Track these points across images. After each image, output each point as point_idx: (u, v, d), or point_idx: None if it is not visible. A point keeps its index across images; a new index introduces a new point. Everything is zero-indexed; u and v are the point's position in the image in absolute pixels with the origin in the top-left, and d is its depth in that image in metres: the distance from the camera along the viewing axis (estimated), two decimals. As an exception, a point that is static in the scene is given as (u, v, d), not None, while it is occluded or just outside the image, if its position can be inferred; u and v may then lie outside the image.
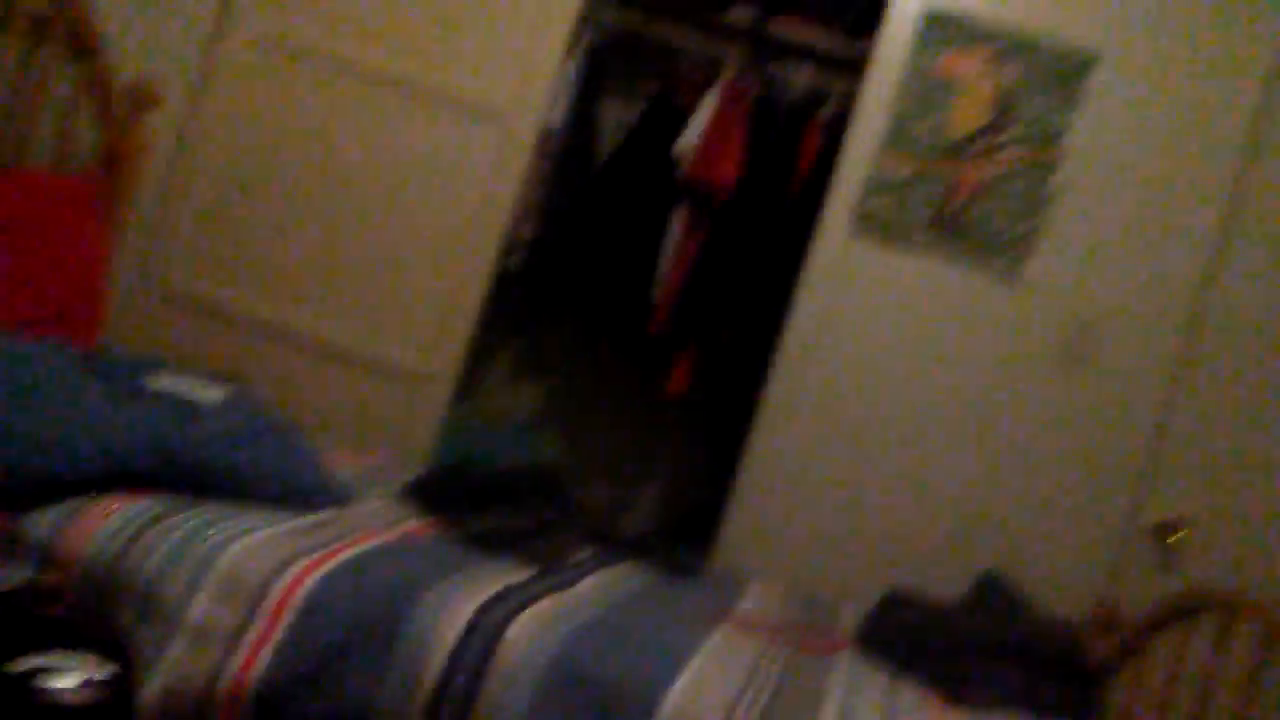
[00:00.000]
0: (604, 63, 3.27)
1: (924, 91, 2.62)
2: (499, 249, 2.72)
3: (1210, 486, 2.49)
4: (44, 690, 1.11)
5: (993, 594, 1.98)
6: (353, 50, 2.67)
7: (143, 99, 2.47)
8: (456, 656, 1.51)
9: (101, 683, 1.14)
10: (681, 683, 1.54)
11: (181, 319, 2.70)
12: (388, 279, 2.70)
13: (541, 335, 3.49)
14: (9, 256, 2.00)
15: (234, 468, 1.74)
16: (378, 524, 1.87)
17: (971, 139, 2.62)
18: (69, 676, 1.12)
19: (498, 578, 1.73)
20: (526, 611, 1.62)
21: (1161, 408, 2.52)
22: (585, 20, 3.04)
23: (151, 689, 1.39)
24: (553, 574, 1.86)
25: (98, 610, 1.45)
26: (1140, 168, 2.55)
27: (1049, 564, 2.53)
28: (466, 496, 2.08)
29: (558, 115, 3.08)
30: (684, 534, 3.12)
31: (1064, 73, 2.58)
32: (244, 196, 2.69)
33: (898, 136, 2.62)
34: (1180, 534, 2.47)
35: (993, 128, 2.62)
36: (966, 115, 2.62)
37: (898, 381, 2.60)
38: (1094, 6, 2.57)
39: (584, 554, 2.08)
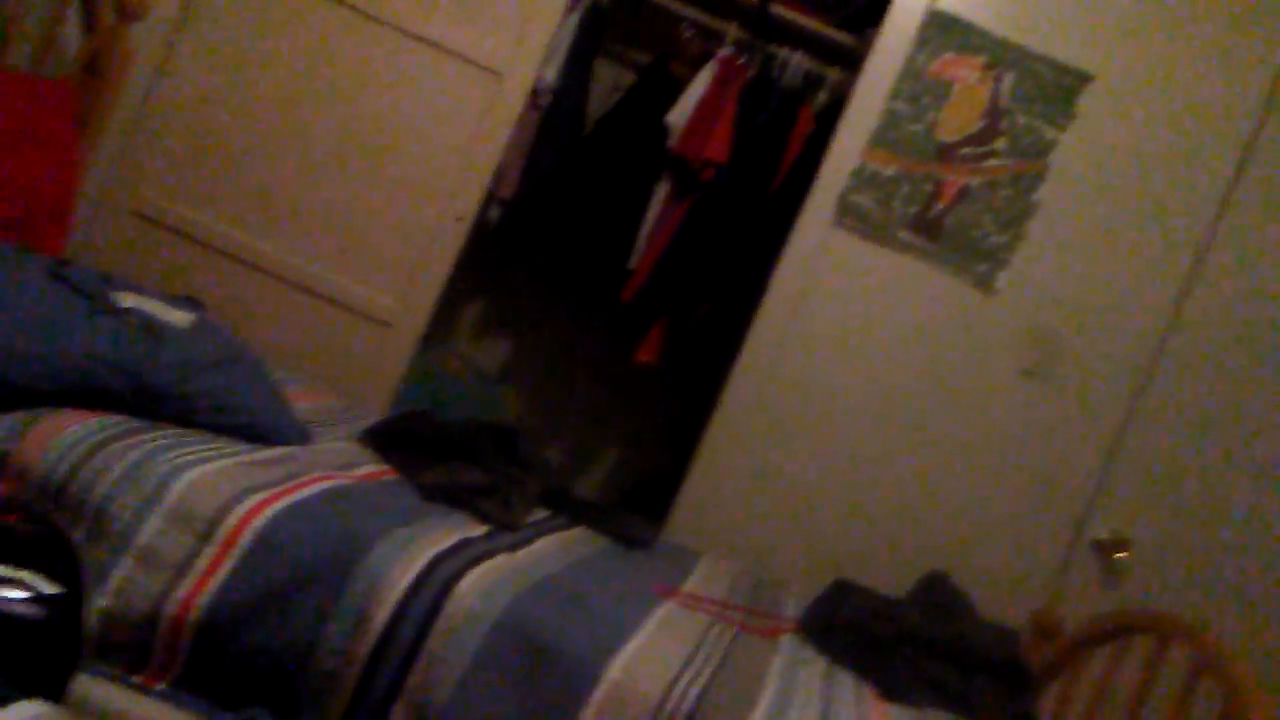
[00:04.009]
0: (603, 24, 3.24)
1: (918, 91, 2.62)
2: (479, 201, 2.70)
3: (1157, 508, 2.55)
4: (-11, 600, 1.09)
5: (937, 593, 2.01)
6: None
7: (129, 8, 2.41)
8: (405, 606, 1.50)
9: (50, 598, 1.12)
10: (625, 652, 1.55)
11: (148, 237, 2.65)
12: (364, 220, 2.67)
13: (512, 292, 3.48)
14: (-20, 155, 1.95)
15: (197, 395, 1.72)
16: (335, 465, 1.86)
17: (961, 144, 2.63)
18: (17, 589, 1.10)
19: (452, 531, 1.72)
20: (478, 567, 1.62)
21: (1117, 427, 2.57)
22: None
23: (96, 608, 1.37)
24: (506, 533, 1.86)
25: (50, 524, 1.42)
26: (1123, 189, 2.58)
27: (994, 569, 2.57)
28: (426, 446, 2.06)
29: (551, 72, 3.05)
30: (638, 503, 3.13)
31: (1058, 88, 2.60)
32: (224, 120, 2.64)
33: (888, 133, 2.63)
34: (1124, 553, 2.52)
35: (983, 135, 2.63)
36: (958, 119, 2.63)
37: (864, 374, 2.63)
38: (1092, 27, 2.59)
39: (538, 515, 2.08)
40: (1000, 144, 2.62)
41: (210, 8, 2.61)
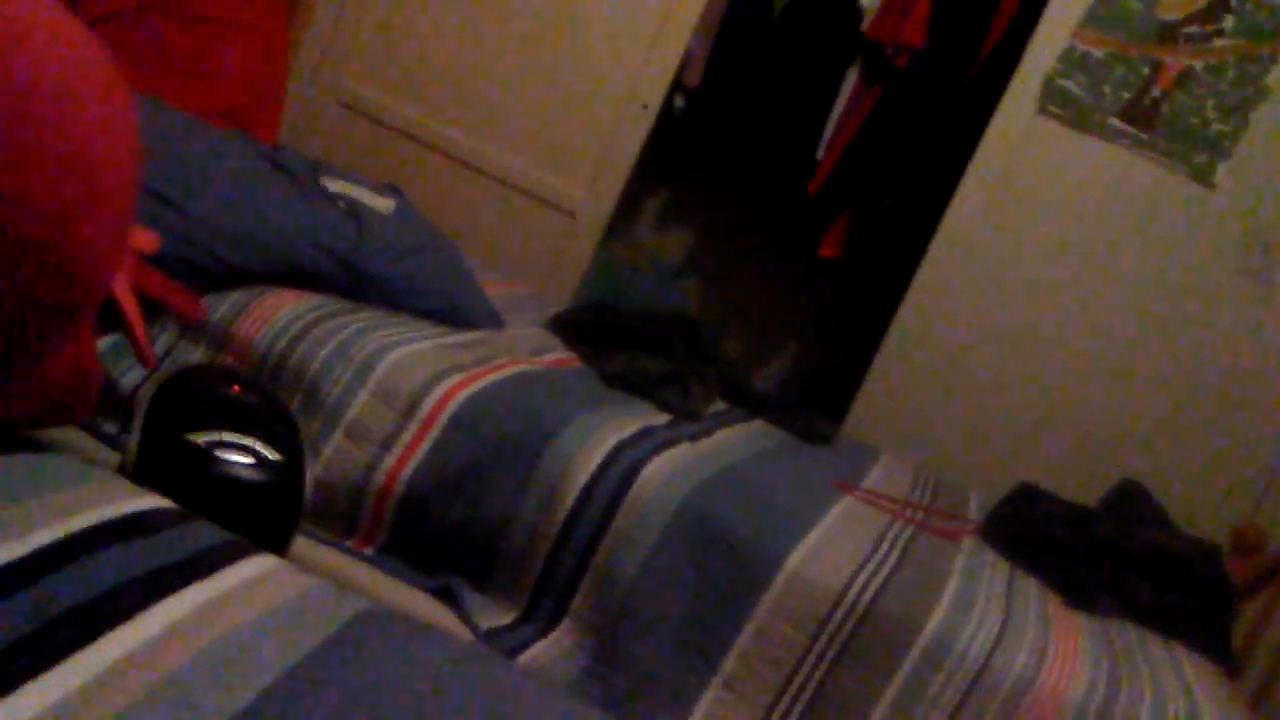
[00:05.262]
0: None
1: (1139, -35, 2.42)
2: (666, 89, 2.67)
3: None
4: (221, 462, 1.19)
5: (1130, 502, 1.93)
6: None
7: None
8: (592, 487, 1.56)
9: (273, 464, 1.21)
10: (804, 545, 1.57)
11: (351, 125, 2.75)
12: (553, 109, 2.69)
13: (696, 183, 3.45)
14: (195, 46, 2.05)
15: (401, 278, 1.80)
16: (525, 350, 1.92)
17: (1184, 22, 2.42)
18: (244, 453, 1.19)
19: (636, 418, 1.76)
20: (661, 455, 1.65)
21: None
22: None
23: (311, 476, 1.48)
24: (687, 422, 1.89)
25: (270, 395, 1.54)
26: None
27: (1192, 479, 2.44)
28: (609, 335, 2.10)
29: (741, -46, 2.95)
30: (816, 398, 3.12)
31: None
32: (418, 10, 2.69)
33: (1103, 11, 2.44)
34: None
35: (1210, 11, 2.41)
36: (1182, -2, 2.42)
37: (1063, 273, 2.50)
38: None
39: (718, 407, 2.10)
40: (1229, 22, 2.40)
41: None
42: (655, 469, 1.61)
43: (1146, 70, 2.44)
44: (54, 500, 0.83)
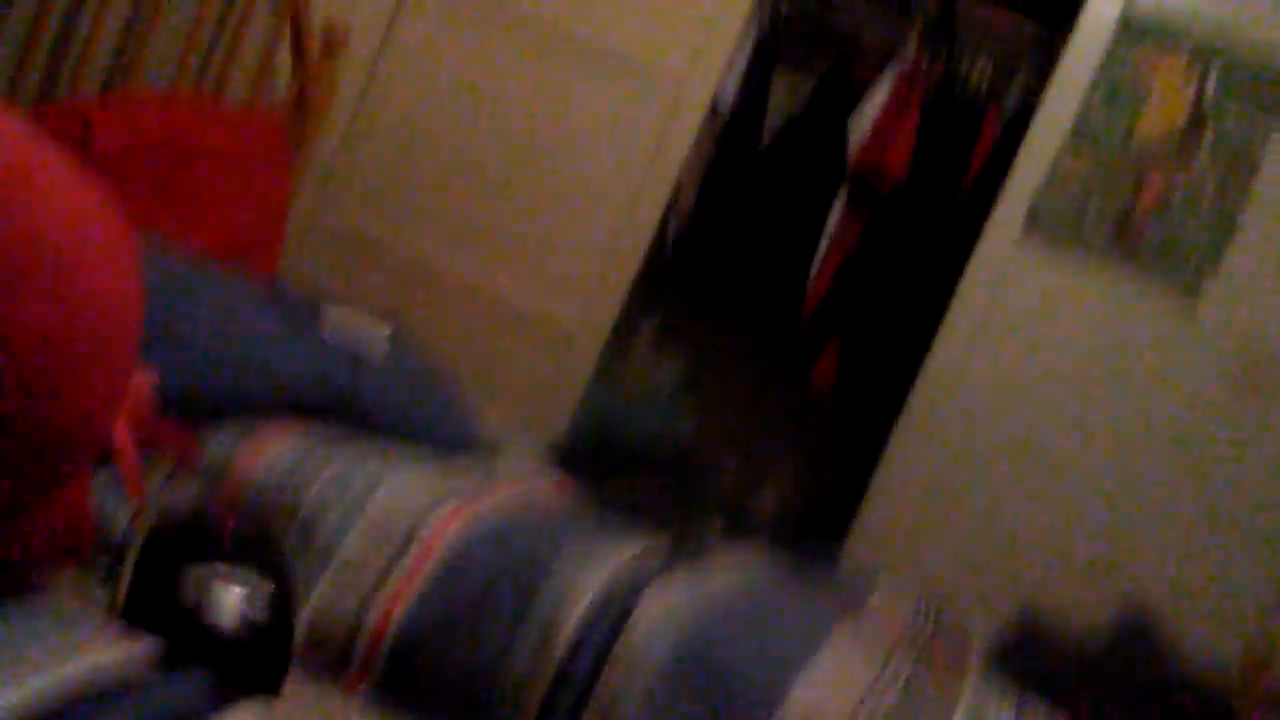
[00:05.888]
0: (781, 37, 3.22)
1: (1115, 89, 2.50)
2: (659, 216, 2.73)
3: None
4: (212, 604, 1.17)
5: (1137, 636, 1.89)
6: (534, 8, 2.70)
7: (333, 41, 2.55)
8: (590, 619, 1.53)
9: (265, 604, 1.19)
10: (808, 673, 1.53)
11: (350, 257, 2.80)
12: (549, 236, 2.74)
13: (690, 308, 3.49)
14: (203, 185, 2.10)
15: (396, 411, 1.81)
16: (522, 480, 1.91)
17: (1162, 143, 2.49)
18: (236, 595, 1.18)
19: (633, 545, 1.75)
20: (659, 585, 1.63)
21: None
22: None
23: (302, 618, 1.46)
24: (684, 551, 1.87)
25: (263, 534, 1.53)
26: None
27: (1200, 594, 2.41)
28: (605, 464, 2.10)
29: (730, 87, 3.06)
30: (816, 521, 3.10)
31: (1269, 84, 2.42)
32: (419, 142, 2.77)
33: (1083, 134, 2.51)
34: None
35: (1187, 133, 2.49)
36: (1159, 118, 2.49)
37: (1055, 393, 2.51)
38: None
39: (715, 534, 2.08)
40: (1206, 143, 2.47)
41: (406, 37, 2.75)
42: (652, 601, 1.58)
43: (1128, 191, 2.50)
44: (44, 645, 0.82)
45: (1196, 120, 2.46)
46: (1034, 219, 2.52)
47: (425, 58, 2.73)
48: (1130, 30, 2.48)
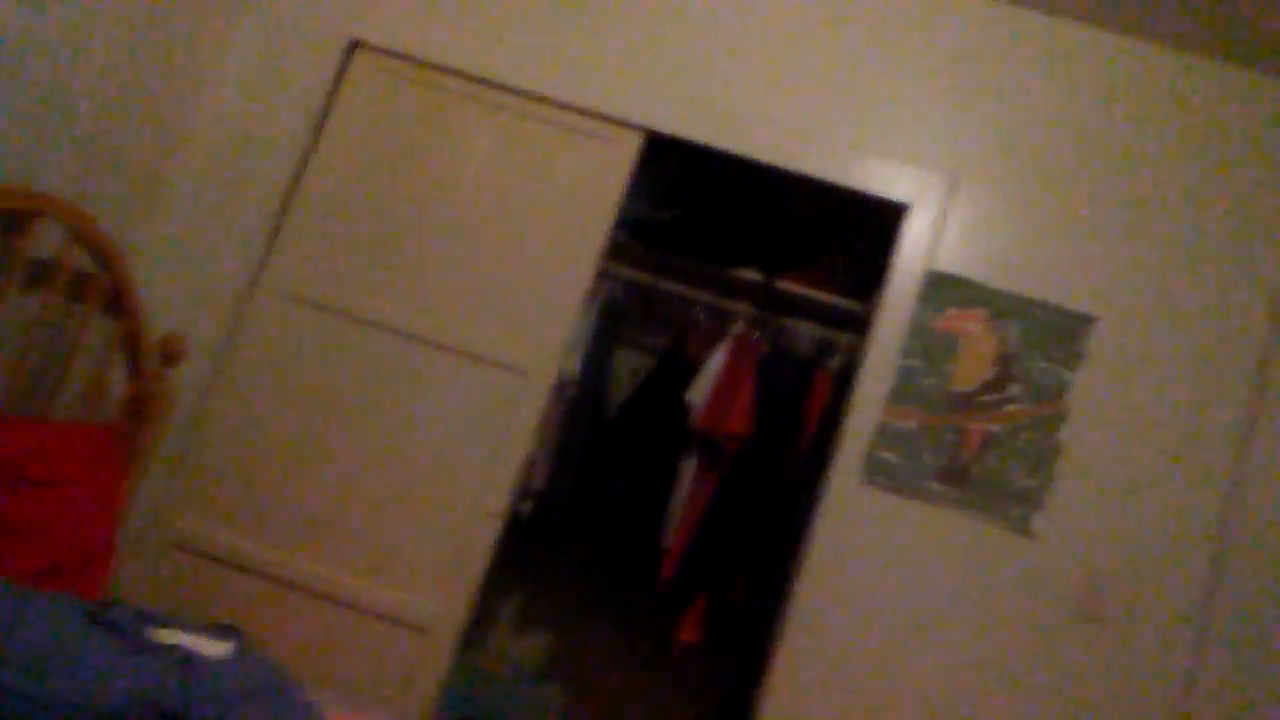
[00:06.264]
0: (619, 314, 3.40)
1: (927, 346, 2.68)
2: (511, 495, 2.74)
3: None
4: None
5: None
6: (378, 311, 2.77)
7: (172, 353, 2.56)
8: None
9: None
10: None
11: (188, 567, 2.69)
12: (400, 527, 2.70)
13: (550, 584, 3.46)
14: (28, 507, 2.03)
15: (233, 716, 1.69)
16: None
17: (977, 392, 2.67)
18: None
19: None
20: None
21: (1189, 660, 2.45)
22: (603, 274, 3.18)
23: None
24: None
25: None
26: (1146, 420, 2.59)
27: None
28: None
29: (574, 364, 3.17)
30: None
31: (1063, 332, 2.65)
32: (261, 447, 2.73)
33: (904, 389, 2.67)
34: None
35: (997, 383, 2.67)
36: (971, 370, 2.67)
37: (912, 630, 2.55)
38: (1088, 273, 2.68)
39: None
40: (1015, 389, 2.65)
41: (245, 344, 2.77)
42: None
43: (953, 437, 2.64)
44: None
45: (1004, 369, 2.66)
46: (870, 468, 2.63)
47: (266, 359, 2.75)
48: (933, 291, 2.69)
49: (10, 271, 2.16)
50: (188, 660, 1.76)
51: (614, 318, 3.36)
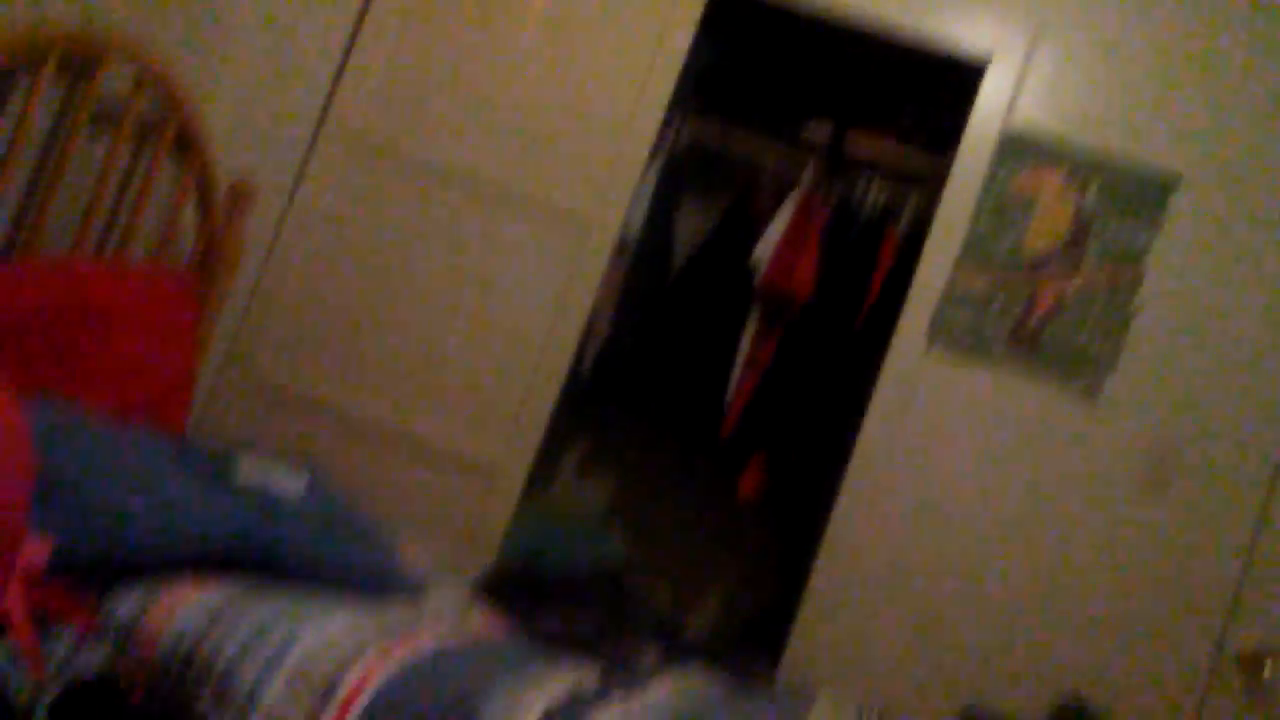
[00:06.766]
0: (683, 171, 3.35)
1: (1001, 207, 2.62)
2: (574, 348, 2.76)
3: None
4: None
5: (1075, 721, 1.90)
6: (442, 153, 2.77)
7: (240, 197, 2.58)
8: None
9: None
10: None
11: (264, 407, 2.77)
12: (467, 374, 2.75)
13: (612, 433, 3.51)
14: (108, 345, 2.08)
15: (313, 561, 1.76)
16: (447, 619, 1.87)
17: (1050, 256, 2.61)
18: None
19: (565, 679, 1.71)
20: (594, 712, 1.60)
21: (1252, 533, 2.44)
22: (666, 129, 3.12)
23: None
24: (620, 677, 1.83)
25: (175, 696, 1.46)
26: (1225, 287, 2.52)
27: (1133, 686, 2.43)
28: (535, 594, 2.07)
29: (636, 221, 3.15)
30: (751, 639, 3.06)
31: (1145, 193, 2.57)
32: (330, 290, 2.78)
33: (975, 250, 2.62)
34: (1270, 666, 2.36)
35: (1071, 245, 2.61)
36: (1045, 232, 2.61)
37: (973, 496, 2.56)
38: (1175, 128, 2.57)
39: (650, 657, 2.04)
40: (1091, 251, 2.59)
41: (314, 186, 2.78)
42: (588, 733, 1.54)
43: (1024, 299, 2.60)
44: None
45: (1080, 231, 2.60)
46: (936, 330, 2.60)
47: (334, 206, 2.77)
48: (1009, 150, 2.62)
49: (78, 114, 2.16)
50: (267, 493, 1.82)
51: (677, 174, 3.31)
